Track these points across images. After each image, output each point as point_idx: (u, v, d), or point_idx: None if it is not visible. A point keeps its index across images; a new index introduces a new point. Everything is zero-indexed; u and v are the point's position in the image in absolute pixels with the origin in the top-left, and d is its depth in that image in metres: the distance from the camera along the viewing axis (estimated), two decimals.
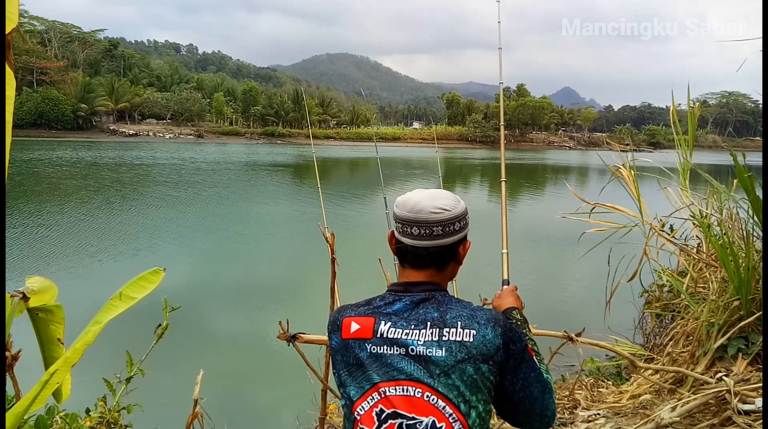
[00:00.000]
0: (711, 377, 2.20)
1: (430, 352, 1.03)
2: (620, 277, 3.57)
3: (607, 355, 3.92)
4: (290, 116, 71.75)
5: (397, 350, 1.05)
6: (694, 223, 3.42)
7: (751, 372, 2.13)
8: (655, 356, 3.07)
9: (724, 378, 2.07)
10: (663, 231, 3.63)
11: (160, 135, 59.85)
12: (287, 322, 1.79)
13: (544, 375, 1.08)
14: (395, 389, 1.03)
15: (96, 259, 8.56)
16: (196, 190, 18.89)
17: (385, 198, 2.46)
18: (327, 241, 1.87)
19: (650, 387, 2.62)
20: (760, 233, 2.39)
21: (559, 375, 3.81)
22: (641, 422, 2.18)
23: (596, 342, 2.03)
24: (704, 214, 3.18)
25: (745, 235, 2.51)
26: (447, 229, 1.10)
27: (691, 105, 3.51)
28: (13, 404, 0.96)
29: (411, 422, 1.00)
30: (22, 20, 52.65)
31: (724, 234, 2.63)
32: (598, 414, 2.49)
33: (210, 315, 6.28)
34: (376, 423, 1.01)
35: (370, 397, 1.04)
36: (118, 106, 61.30)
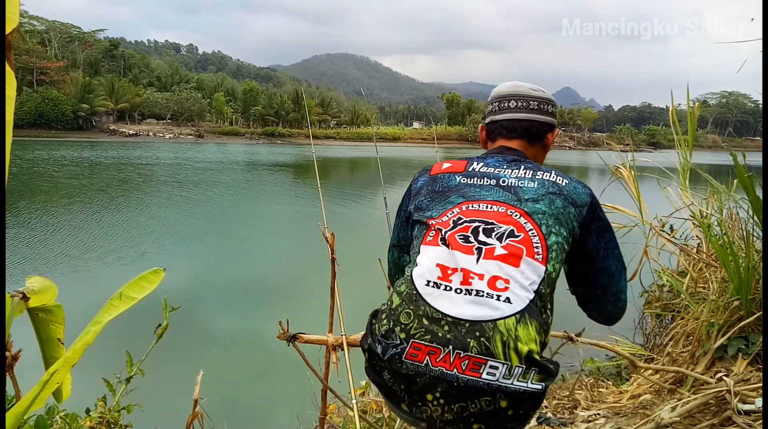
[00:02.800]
0: (711, 377, 2.20)
1: (521, 183, 1.05)
2: None
3: (607, 355, 3.92)
4: (290, 116, 71.68)
5: (487, 181, 1.07)
6: (694, 223, 3.41)
7: (751, 372, 2.13)
8: (655, 356, 3.07)
9: (724, 378, 2.07)
10: (663, 231, 3.62)
11: (160, 135, 59.81)
12: (287, 322, 1.79)
13: (623, 259, 1.10)
14: (478, 206, 1.03)
15: (101, 261, 8.55)
16: (200, 189, 18.88)
17: (385, 198, 2.45)
18: (327, 241, 1.87)
19: (650, 387, 2.62)
20: (760, 233, 2.39)
21: (559, 375, 3.81)
22: (641, 422, 2.18)
23: (596, 342, 2.03)
24: (704, 214, 3.18)
25: (745, 235, 2.51)
26: (541, 106, 1.18)
27: (691, 105, 3.50)
28: (13, 404, 0.96)
29: (488, 226, 0.98)
30: (22, 20, 52.61)
31: (724, 234, 2.63)
32: (598, 414, 2.49)
33: (210, 315, 6.28)
34: (451, 226, 1.00)
35: (452, 211, 1.04)
36: (118, 106, 61.25)
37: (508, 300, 0.90)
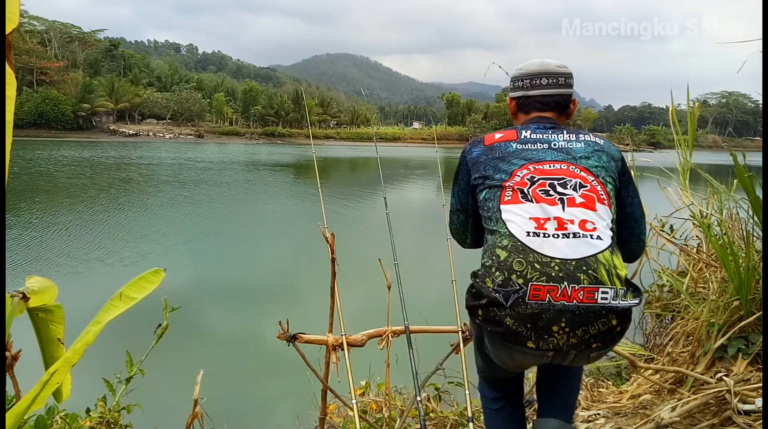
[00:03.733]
0: (711, 377, 2.20)
1: (570, 145, 1.25)
2: None
3: (606, 355, 3.92)
4: (290, 116, 71.63)
5: (540, 146, 1.24)
6: (694, 223, 3.41)
7: (751, 372, 2.13)
8: (655, 356, 3.07)
9: (724, 378, 2.07)
10: (663, 231, 3.62)
11: (160, 135, 59.77)
12: (287, 322, 1.79)
13: (642, 207, 1.33)
14: (543, 166, 1.20)
15: (103, 262, 8.54)
16: (202, 189, 18.87)
17: (385, 198, 2.45)
18: (327, 241, 1.87)
19: (650, 387, 2.62)
20: (760, 233, 2.39)
21: None
22: (641, 422, 2.18)
23: None
24: (704, 214, 3.18)
25: (745, 235, 2.51)
26: (567, 81, 1.36)
27: (691, 105, 3.50)
28: (13, 404, 0.96)
29: (560, 180, 1.17)
30: (22, 20, 52.54)
31: (724, 234, 2.63)
32: (598, 414, 2.49)
33: (210, 315, 6.28)
34: (529, 184, 1.18)
35: (521, 172, 1.20)
36: (118, 106, 61.20)
37: (598, 237, 1.10)
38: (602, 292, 1.04)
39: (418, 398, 1.76)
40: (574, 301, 1.03)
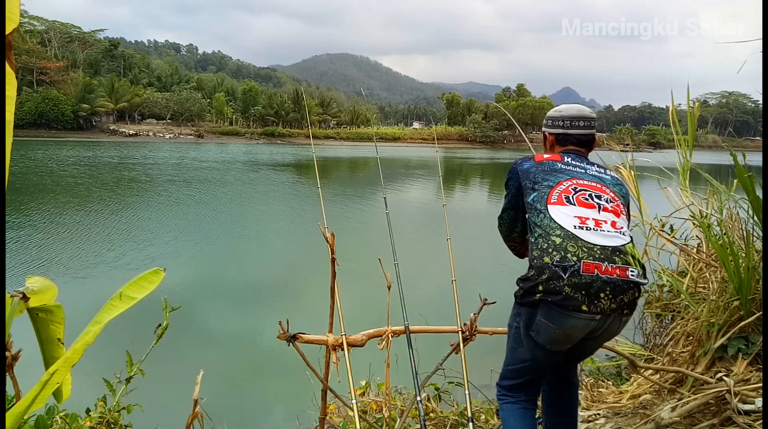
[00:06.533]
0: (711, 377, 2.20)
1: (600, 174, 1.66)
2: None
3: (607, 355, 3.91)
4: (290, 116, 71.58)
5: (579, 169, 1.63)
6: (694, 223, 3.41)
7: (751, 372, 2.13)
8: (655, 356, 3.07)
9: (724, 378, 2.07)
10: (663, 231, 3.62)
11: (160, 135, 59.73)
12: (287, 322, 1.79)
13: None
14: (582, 181, 1.58)
15: (109, 264, 8.53)
16: (207, 188, 18.86)
17: (385, 198, 2.45)
18: (327, 241, 1.87)
19: (650, 387, 2.62)
20: (760, 233, 2.39)
21: None
22: (641, 422, 2.18)
23: None
24: (704, 214, 3.18)
25: (745, 235, 2.51)
26: (595, 124, 1.78)
27: (691, 105, 3.50)
28: (13, 404, 0.96)
29: (596, 193, 1.55)
30: (22, 20, 52.47)
31: (724, 234, 2.63)
32: (598, 414, 2.49)
33: (210, 315, 6.28)
34: (572, 192, 1.54)
35: (565, 183, 1.57)
36: (118, 106, 61.13)
37: (623, 234, 1.48)
38: (631, 271, 1.39)
39: (418, 398, 1.76)
40: (615, 275, 1.37)
